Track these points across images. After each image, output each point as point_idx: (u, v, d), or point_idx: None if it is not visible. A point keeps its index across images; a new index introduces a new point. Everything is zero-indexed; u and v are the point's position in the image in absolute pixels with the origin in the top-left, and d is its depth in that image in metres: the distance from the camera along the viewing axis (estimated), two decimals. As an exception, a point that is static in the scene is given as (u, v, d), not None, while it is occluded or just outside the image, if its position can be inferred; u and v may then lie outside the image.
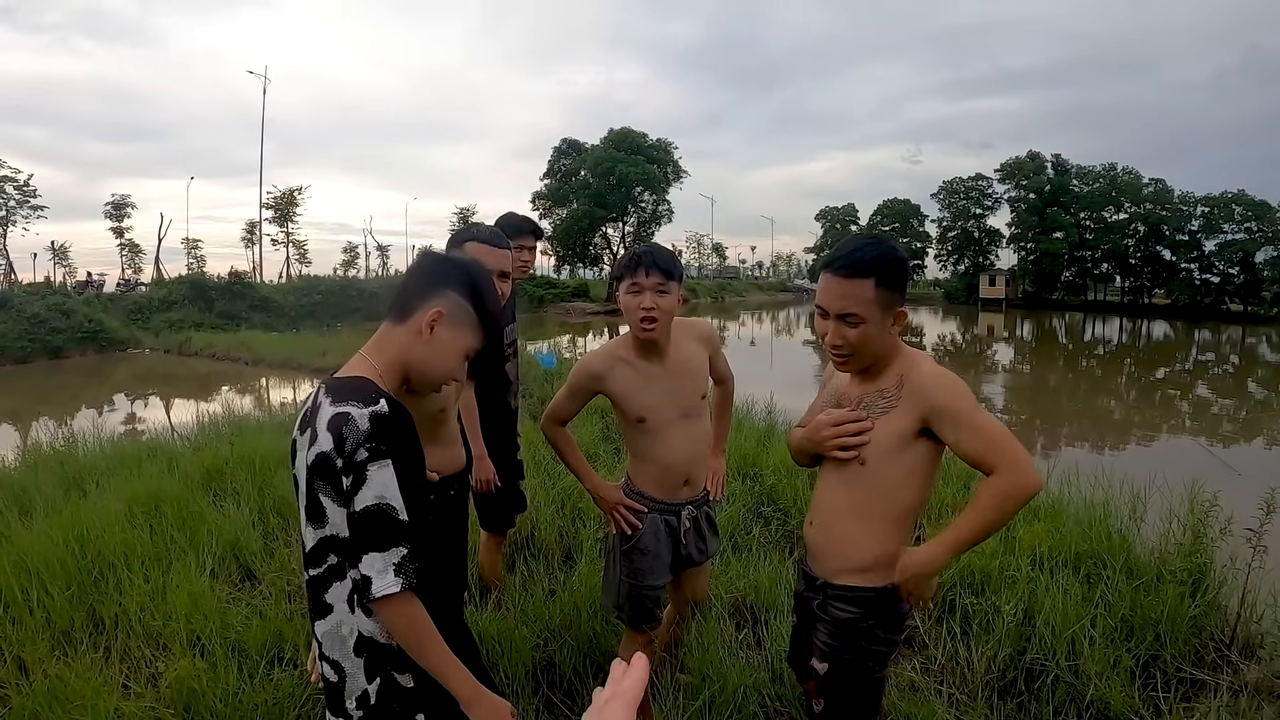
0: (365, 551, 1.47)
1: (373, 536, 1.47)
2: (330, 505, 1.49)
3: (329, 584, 1.55)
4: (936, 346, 32.03)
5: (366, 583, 1.46)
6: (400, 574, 1.47)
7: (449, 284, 1.65)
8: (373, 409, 1.48)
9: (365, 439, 1.46)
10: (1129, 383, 21.80)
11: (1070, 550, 3.98)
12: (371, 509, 1.46)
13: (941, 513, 4.54)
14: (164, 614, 3.46)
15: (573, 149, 54.61)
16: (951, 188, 67.84)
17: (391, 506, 1.48)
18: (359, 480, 1.46)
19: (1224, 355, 31.25)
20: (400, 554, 1.48)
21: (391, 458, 1.48)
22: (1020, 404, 16.60)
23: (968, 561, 3.77)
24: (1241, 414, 16.12)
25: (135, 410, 15.56)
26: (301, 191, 54.42)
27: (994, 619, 3.38)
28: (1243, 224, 53.76)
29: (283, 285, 41.81)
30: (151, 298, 32.24)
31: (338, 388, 1.54)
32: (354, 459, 1.46)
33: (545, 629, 3.33)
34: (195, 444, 7.31)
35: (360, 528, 1.47)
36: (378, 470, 1.47)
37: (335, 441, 1.46)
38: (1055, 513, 4.62)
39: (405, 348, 1.64)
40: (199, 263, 53.16)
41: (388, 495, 1.48)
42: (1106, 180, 60.15)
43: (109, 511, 4.58)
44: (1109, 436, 12.91)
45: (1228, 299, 54.98)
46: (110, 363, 23.96)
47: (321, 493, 1.49)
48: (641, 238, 54.05)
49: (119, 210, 49.71)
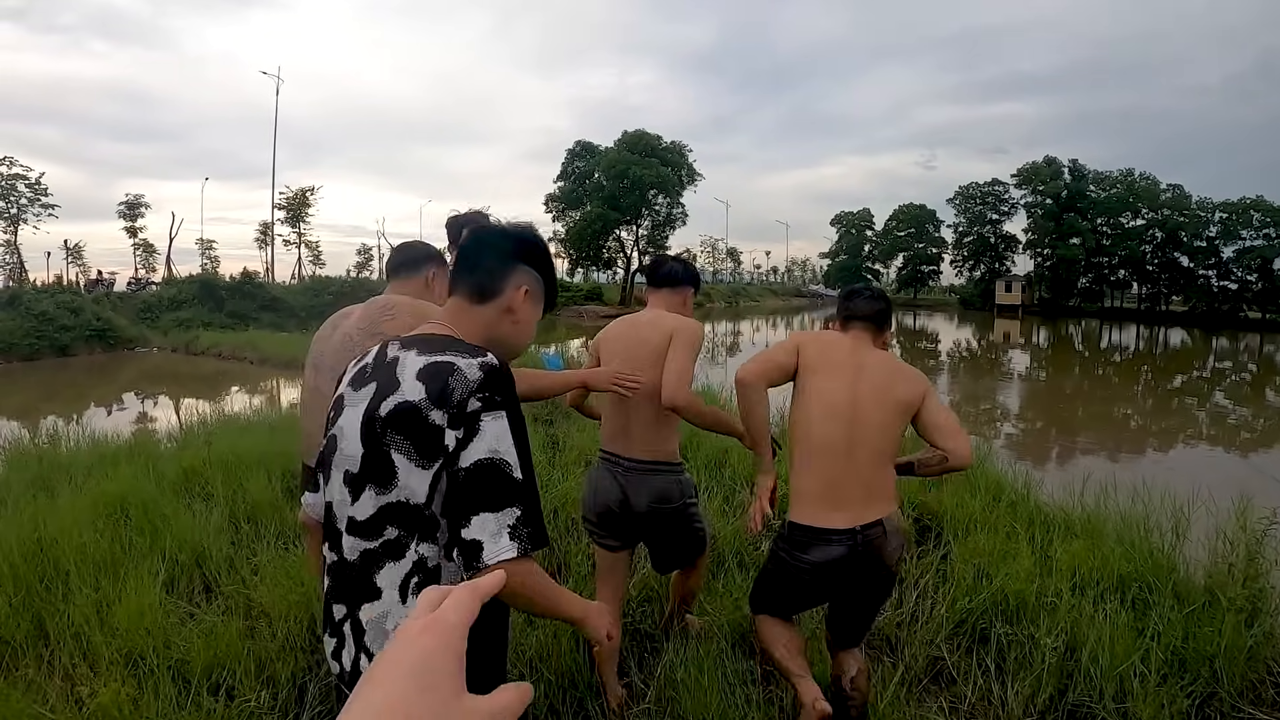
0: (476, 512, 1.27)
1: (485, 494, 1.27)
2: (405, 464, 1.31)
3: (382, 563, 1.34)
4: (951, 353, 31.56)
5: (475, 547, 1.26)
6: (515, 538, 1.27)
7: (526, 258, 1.56)
8: (483, 359, 1.35)
9: (478, 387, 1.31)
10: (1149, 390, 21.29)
11: (1113, 572, 3.60)
12: (484, 463, 1.28)
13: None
14: (110, 627, 3.14)
15: (586, 151, 54.30)
16: (967, 193, 67.33)
17: (506, 462, 1.30)
18: (470, 432, 1.29)
19: (1242, 363, 30.66)
20: (515, 514, 1.28)
21: (506, 410, 1.32)
22: (1039, 411, 16.14)
23: (1001, 585, 3.41)
24: (1260, 422, 15.63)
25: (130, 409, 15.28)
26: (313, 192, 54.54)
27: (1032, 652, 3.01)
28: (1261, 230, 53.16)
29: (293, 286, 41.71)
30: (161, 297, 32.12)
31: (423, 341, 1.42)
32: (464, 409, 1.29)
33: (519, 659, 2.97)
34: (182, 442, 7.03)
35: (470, 484, 1.28)
36: (492, 420, 1.31)
37: (433, 392, 1.31)
38: (1092, 528, 4.25)
39: (492, 326, 1.52)
40: (213, 263, 53.45)
41: (501, 449, 1.30)
42: (1123, 185, 59.53)
43: (74, 513, 4.29)
44: (1136, 446, 12.47)
45: (1246, 306, 54.39)
46: (117, 361, 23.81)
47: (396, 449, 1.31)
48: (655, 241, 53.80)
49: (133, 210, 50.01)
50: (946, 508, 4.51)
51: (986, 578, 3.57)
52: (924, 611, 3.40)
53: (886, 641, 3.29)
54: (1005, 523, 4.29)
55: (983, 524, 4.21)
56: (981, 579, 3.58)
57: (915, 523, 4.39)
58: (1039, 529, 4.22)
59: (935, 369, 23.91)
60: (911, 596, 3.55)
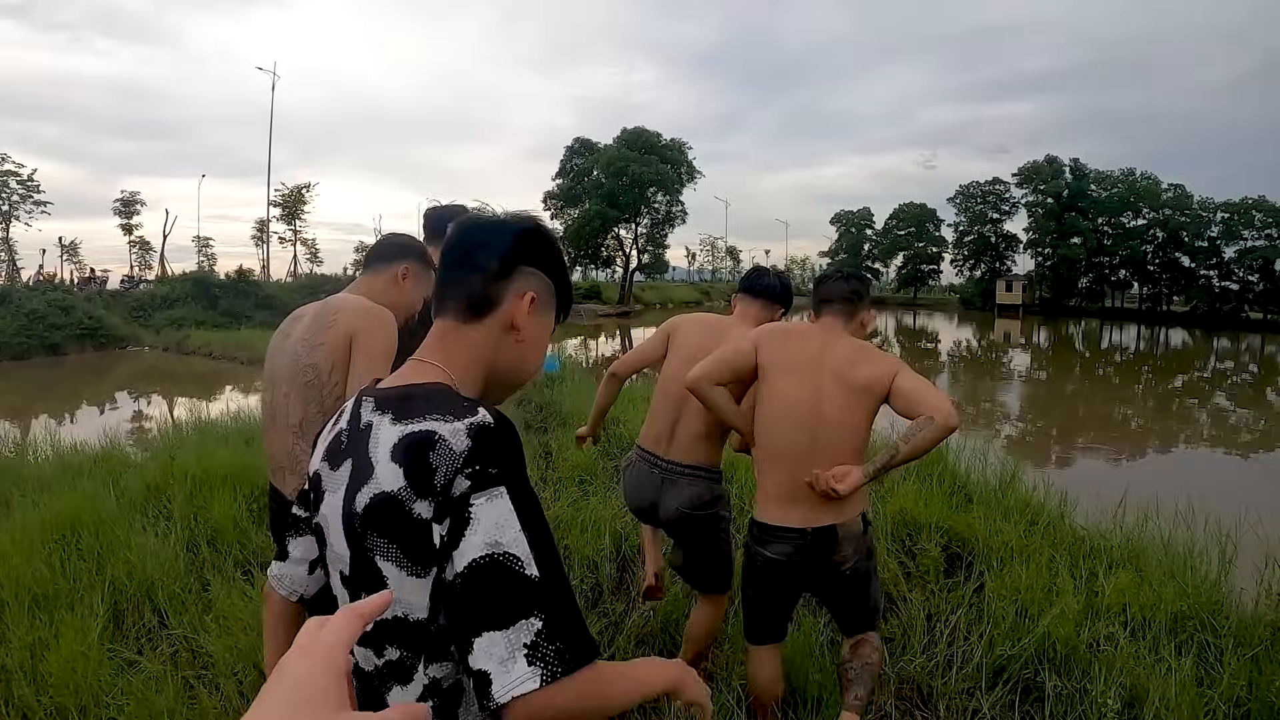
0: (478, 632, 0.90)
1: (488, 606, 0.91)
2: (395, 573, 0.98)
3: (389, 686, 1.02)
4: (952, 353, 31.22)
5: (484, 680, 0.89)
6: (536, 660, 0.89)
7: (532, 259, 1.17)
8: (470, 420, 0.98)
9: (464, 462, 0.95)
10: (1168, 393, 20.95)
11: (1165, 611, 3.23)
12: (483, 562, 0.92)
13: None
14: (41, 676, 2.78)
15: (585, 148, 53.86)
16: (968, 192, 66.87)
17: (512, 555, 0.93)
18: (459, 524, 0.94)
19: (1243, 364, 30.34)
20: (534, 628, 0.90)
21: (506, 485, 0.96)
22: (1053, 416, 15.77)
23: (1047, 630, 3.03)
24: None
25: (110, 411, 14.84)
26: (310, 189, 54.11)
27: (1086, 708, 2.64)
28: (1263, 230, 52.84)
29: (288, 284, 41.24)
30: (154, 295, 31.78)
31: (400, 400, 1.05)
32: (449, 493, 0.94)
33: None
34: (153, 453, 6.66)
35: (469, 594, 0.92)
36: (487, 504, 0.94)
37: (414, 476, 0.96)
38: (1135, 555, 3.89)
39: (489, 349, 1.15)
40: (210, 261, 53.10)
41: (505, 540, 0.93)
42: (1125, 185, 59.11)
43: (23, 535, 3.93)
44: (1161, 453, 12.11)
45: (1247, 306, 54.08)
46: (107, 360, 23.48)
47: (382, 555, 0.99)
48: (654, 239, 53.46)
49: (128, 207, 49.65)
50: (978, 534, 4.10)
51: (1027, 617, 3.20)
52: (959, 656, 3.02)
53: (918, 692, 2.92)
54: (1042, 550, 3.90)
55: (1018, 551, 3.83)
56: (1022, 616, 3.21)
57: (944, 551, 3.98)
58: (1079, 557, 3.85)
59: (935, 369, 23.59)
60: (944, 637, 3.17)
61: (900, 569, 3.79)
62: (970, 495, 4.92)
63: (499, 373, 1.18)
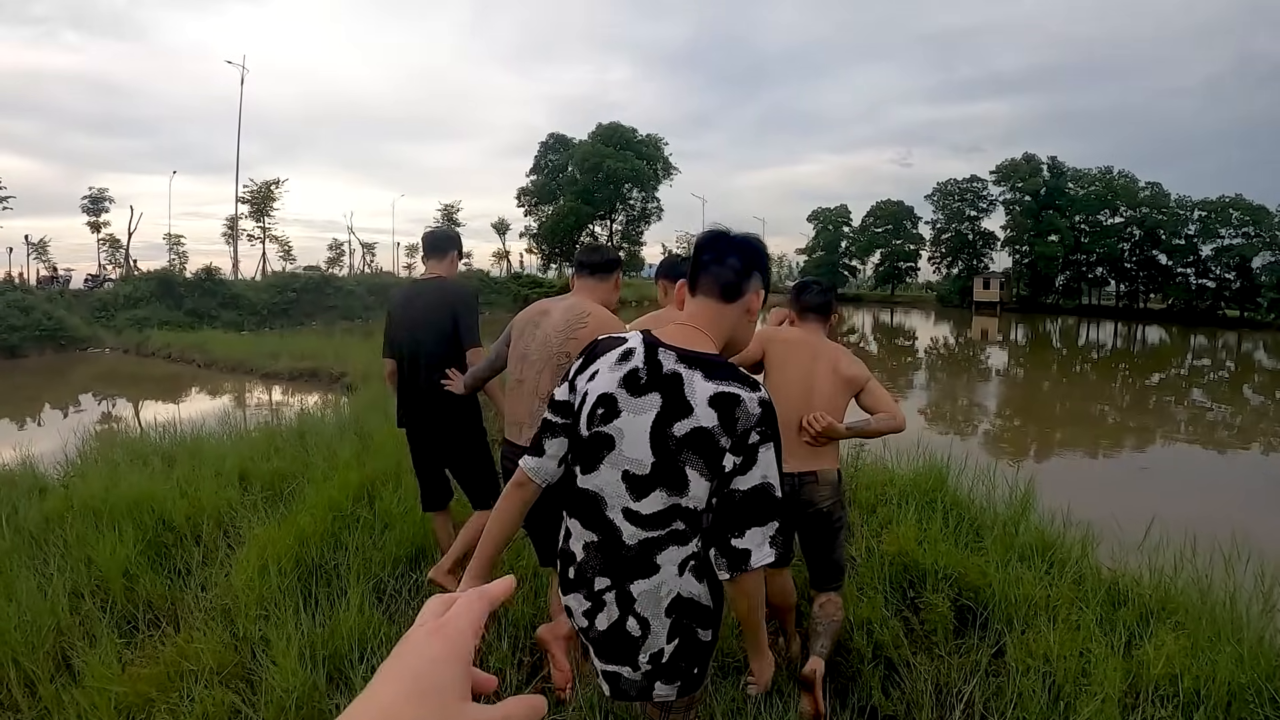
0: (748, 526, 1.53)
1: (757, 512, 1.53)
2: (696, 478, 1.54)
3: (666, 546, 1.58)
4: (929, 350, 30.86)
5: (744, 555, 1.53)
6: (774, 545, 1.55)
7: (761, 265, 1.71)
8: (759, 394, 1.57)
9: (757, 422, 1.54)
10: (1175, 390, 20.67)
11: (1221, 684, 2.70)
12: (758, 488, 1.53)
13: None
14: None
15: (560, 144, 53.26)
16: (946, 189, 66.68)
17: (772, 485, 1.55)
18: (749, 461, 1.53)
19: (1220, 361, 30.23)
20: (775, 527, 1.56)
21: (773, 441, 1.57)
22: (1046, 420, 15.40)
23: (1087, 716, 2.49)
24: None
25: (49, 423, 13.98)
26: (279, 185, 52.94)
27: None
28: (1240, 229, 53.08)
29: (256, 282, 40.22)
30: (118, 294, 30.78)
31: (706, 362, 1.60)
32: (745, 441, 1.53)
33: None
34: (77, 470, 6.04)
35: (746, 504, 1.53)
36: (766, 452, 1.54)
37: (724, 420, 1.53)
38: (1171, 603, 3.38)
39: (734, 326, 1.70)
40: (181, 259, 51.95)
41: (770, 475, 1.55)
42: (1102, 183, 59.25)
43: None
44: (1165, 464, 11.69)
45: (1224, 304, 54.35)
46: (68, 363, 22.56)
47: (690, 465, 1.54)
48: (630, 236, 52.89)
49: (96, 204, 48.40)
50: (992, 582, 3.50)
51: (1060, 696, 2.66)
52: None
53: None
54: (1068, 601, 3.37)
55: (1041, 606, 3.29)
56: (1052, 696, 2.67)
57: (953, 604, 3.41)
58: (1109, 606, 3.34)
59: (913, 366, 23.22)
60: (957, 715, 2.65)
61: (903, 626, 3.27)
62: (978, 528, 4.38)
63: (734, 342, 1.73)
